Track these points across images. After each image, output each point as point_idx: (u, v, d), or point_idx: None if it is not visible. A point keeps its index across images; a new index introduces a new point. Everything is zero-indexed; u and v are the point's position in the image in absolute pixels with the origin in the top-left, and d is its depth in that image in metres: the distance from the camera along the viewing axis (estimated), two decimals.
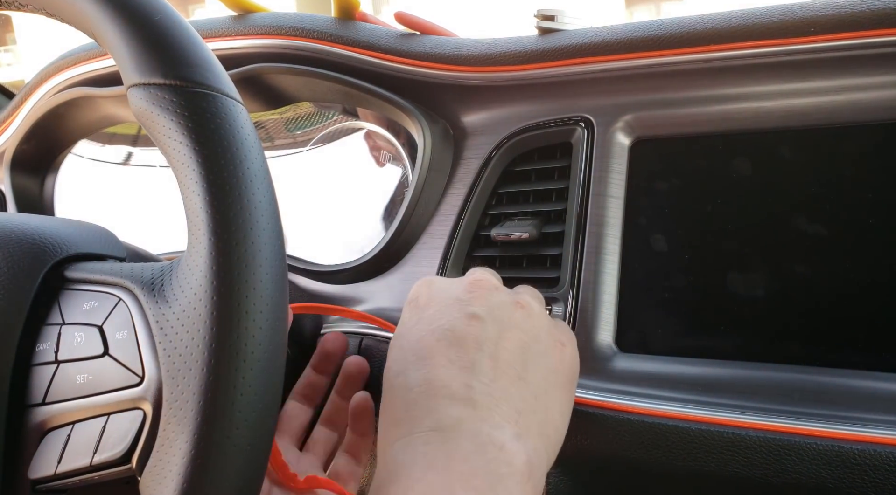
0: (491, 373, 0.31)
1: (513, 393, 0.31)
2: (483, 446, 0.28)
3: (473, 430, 0.28)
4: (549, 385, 0.33)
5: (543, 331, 0.36)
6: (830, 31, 0.42)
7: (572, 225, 0.48)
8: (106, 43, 0.29)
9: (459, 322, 0.33)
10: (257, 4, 0.61)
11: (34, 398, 0.30)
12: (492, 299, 0.36)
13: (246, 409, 0.26)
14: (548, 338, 0.36)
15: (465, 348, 0.32)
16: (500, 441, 0.28)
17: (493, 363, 0.32)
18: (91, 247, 0.35)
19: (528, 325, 0.35)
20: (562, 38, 0.50)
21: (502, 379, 0.31)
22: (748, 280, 0.44)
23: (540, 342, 0.35)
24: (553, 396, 0.33)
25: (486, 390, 0.30)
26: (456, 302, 0.35)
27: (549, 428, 0.32)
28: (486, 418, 0.29)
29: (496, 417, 0.29)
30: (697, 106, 0.46)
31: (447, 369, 0.31)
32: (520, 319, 0.35)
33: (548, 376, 0.33)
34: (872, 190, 0.42)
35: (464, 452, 0.27)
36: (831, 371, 0.41)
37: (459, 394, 0.30)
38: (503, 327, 0.34)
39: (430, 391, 0.30)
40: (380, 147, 0.59)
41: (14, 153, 0.66)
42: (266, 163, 0.29)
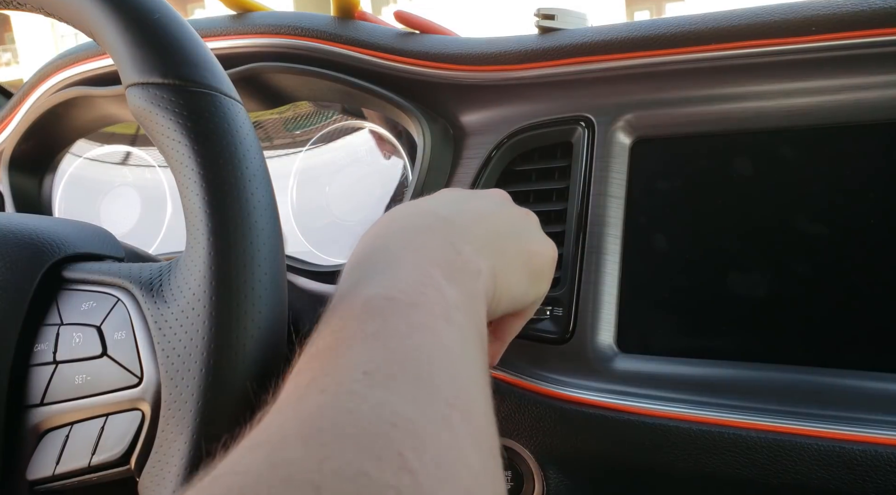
0: (471, 217, 0.34)
1: (483, 236, 0.33)
2: (447, 246, 0.31)
3: (441, 235, 0.31)
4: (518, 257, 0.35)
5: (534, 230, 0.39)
6: (831, 31, 0.42)
7: (573, 225, 0.48)
8: (104, 42, 0.29)
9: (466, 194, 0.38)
10: (256, 3, 0.61)
11: (32, 399, 0.30)
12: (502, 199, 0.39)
13: (245, 410, 0.26)
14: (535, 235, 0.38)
15: (458, 201, 0.36)
16: (462, 249, 0.31)
17: (479, 216, 0.35)
18: (89, 247, 0.35)
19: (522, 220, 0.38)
20: (562, 37, 0.49)
21: (479, 226, 0.34)
22: (748, 280, 0.44)
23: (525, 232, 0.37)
24: (517, 265, 0.35)
25: (462, 221, 0.34)
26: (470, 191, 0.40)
27: (504, 277, 0.34)
28: (453, 233, 0.32)
29: (463, 237, 0.32)
30: (698, 105, 0.46)
31: (436, 200, 0.36)
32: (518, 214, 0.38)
33: (520, 253, 0.36)
34: (872, 189, 0.42)
35: (432, 245, 0.31)
36: (831, 371, 0.41)
37: (438, 212, 0.34)
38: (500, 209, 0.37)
39: (413, 208, 0.34)
40: (380, 147, 0.59)
41: (12, 153, 0.66)
42: (265, 162, 0.29)
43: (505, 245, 0.35)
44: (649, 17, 0.62)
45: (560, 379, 0.45)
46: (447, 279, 0.28)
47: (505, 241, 0.35)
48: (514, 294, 0.35)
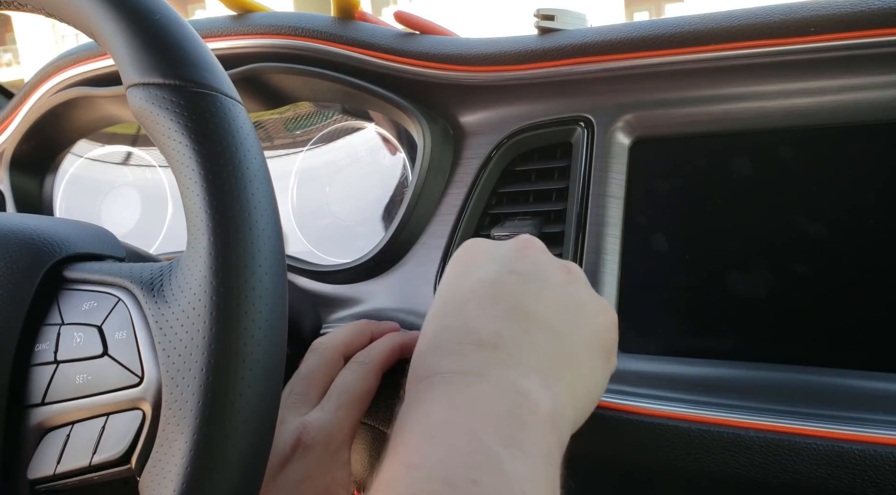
0: (524, 324, 0.30)
1: (544, 346, 0.30)
2: (507, 391, 0.27)
3: (498, 375, 0.28)
4: (585, 346, 0.32)
5: (586, 295, 0.35)
6: (831, 31, 0.42)
7: (572, 225, 0.48)
8: (105, 42, 0.29)
9: (500, 275, 0.33)
10: (257, 4, 0.61)
11: (33, 398, 0.30)
12: (537, 258, 0.35)
13: (245, 410, 0.26)
14: (590, 302, 0.35)
15: (501, 300, 0.32)
16: (525, 388, 0.28)
17: (526, 316, 0.31)
18: (90, 247, 0.35)
19: (571, 288, 0.34)
20: (562, 37, 0.50)
21: (535, 332, 0.30)
22: (748, 280, 0.44)
23: (581, 305, 0.34)
24: (588, 357, 0.32)
25: (516, 340, 0.30)
26: (499, 259, 0.35)
27: (579, 386, 0.31)
28: (513, 365, 0.28)
29: (523, 365, 0.29)
30: (698, 105, 0.46)
31: (479, 318, 0.31)
32: (563, 281, 0.34)
33: (586, 338, 0.32)
34: (873, 190, 0.42)
35: (487, 395, 0.27)
36: (831, 371, 0.41)
37: (488, 341, 0.29)
38: (544, 285, 0.33)
39: (460, 336, 0.30)
40: (379, 147, 0.59)
41: (13, 153, 0.66)
42: (265, 162, 0.29)
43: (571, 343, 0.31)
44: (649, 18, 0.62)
45: None
46: (509, 447, 0.24)
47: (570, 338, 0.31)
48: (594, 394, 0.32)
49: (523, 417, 0.26)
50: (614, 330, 0.35)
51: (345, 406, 0.40)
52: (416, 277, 0.52)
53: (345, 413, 0.40)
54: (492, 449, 0.24)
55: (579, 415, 0.31)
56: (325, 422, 0.39)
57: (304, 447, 0.38)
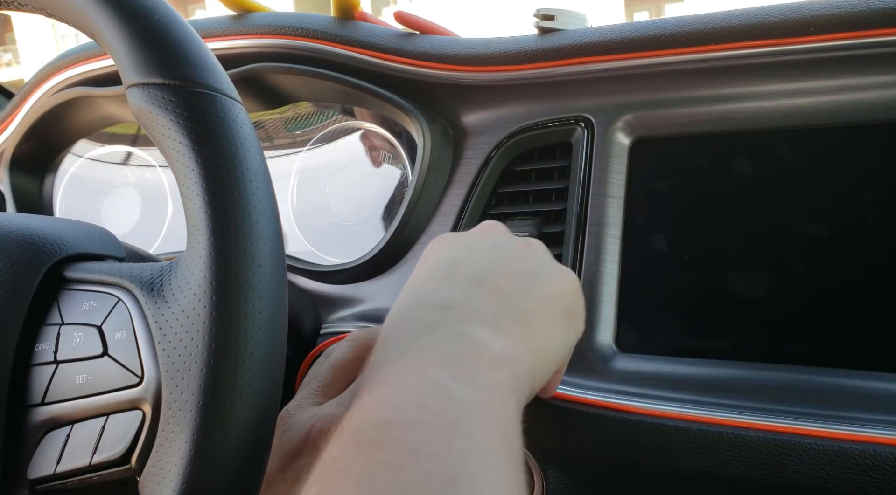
0: (477, 290, 0.31)
1: (495, 305, 0.31)
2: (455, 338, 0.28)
3: (447, 328, 0.29)
4: (539, 306, 0.33)
5: (542, 263, 0.35)
6: (830, 31, 0.42)
7: (572, 225, 0.48)
8: (105, 42, 0.29)
9: (460, 254, 0.35)
10: (257, 4, 0.61)
11: (33, 398, 0.30)
12: (497, 238, 0.37)
13: (245, 410, 0.26)
14: (546, 269, 0.35)
15: (457, 273, 0.33)
16: (473, 335, 0.28)
17: (480, 282, 0.32)
18: (90, 247, 0.35)
19: (528, 257, 0.35)
20: (561, 37, 0.50)
21: (487, 295, 0.31)
22: (748, 280, 0.44)
23: (535, 271, 0.34)
24: (544, 316, 0.32)
25: (467, 301, 0.31)
26: (462, 242, 0.36)
27: (535, 340, 0.31)
28: (463, 320, 0.29)
29: (473, 320, 0.29)
30: (697, 105, 0.46)
31: (435, 288, 0.32)
32: (520, 251, 0.35)
33: (540, 299, 0.33)
34: (872, 190, 0.42)
35: (436, 343, 0.28)
36: (831, 371, 0.41)
37: (440, 303, 0.30)
38: (500, 257, 0.34)
39: (414, 304, 0.31)
40: (379, 147, 0.59)
41: (13, 153, 0.66)
42: (265, 162, 0.29)
43: (524, 303, 0.32)
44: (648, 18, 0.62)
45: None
46: (457, 379, 0.25)
47: (523, 299, 0.32)
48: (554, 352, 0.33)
49: (472, 357, 0.27)
50: (575, 293, 0.35)
51: None
52: None
53: None
54: (440, 381, 0.25)
55: (538, 366, 0.31)
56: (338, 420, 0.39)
57: (312, 443, 0.37)
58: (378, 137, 0.59)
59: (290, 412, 0.39)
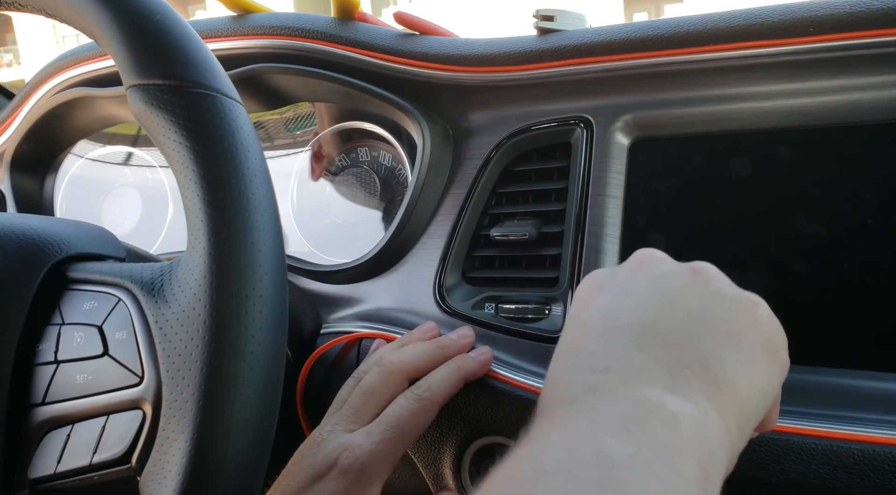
0: (640, 343, 0.27)
1: (665, 357, 0.26)
2: (619, 400, 0.24)
3: (609, 392, 0.25)
4: (727, 348, 0.28)
5: (721, 295, 0.30)
6: (829, 31, 0.42)
7: (571, 225, 0.48)
8: (106, 43, 0.29)
9: (615, 300, 0.30)
10: (257, 5, 0.61)
11: (34, 398, 0.30)
12: (656, 270, 0.32)
13: (246, 409, 0.26)
14: (730, 300, 0.30)
15: (615, 325, 0.29)
16: (641, 395, 0.24)
17: (643, 333, 0.28)
18: (91, 247, 0.35)
19: (702, 289, 0.30)
20: (561, 38, 0.50)
21: (652, 346, 0.27)
22: (747, 280, 0.44)
23: (716, 305, 0.30)
24: (735, 359, 0.28)
25: (628, 359, 0.27)
26: (616, 284, 0.31)
27: (728, 391, 0.26)
28: (627, 382, 0.26)
29: (640, 381, 0.25)
30: (697, 106, 0.46)
31: (592, 347, 0.28)
32: (689, 284, 0.30)
33: (727, 341, 0.28)
34: (871, 190, 0.42)
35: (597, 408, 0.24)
36: (831, 371, 0.41)
37: (598, 366, 0.27)
38: (665, 296, 0.30)
39: (568, 369, 0.28)
40: (379, 147, 0.59)
41: (14, 153, 0.66)
42: (265, 163, 0.29)
43: (702, 349, 0.27)
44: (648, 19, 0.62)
45: None
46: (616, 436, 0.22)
47: (700, 344, 0.27)
48: (756, 398, 0.28)
49: (637, 416, 0.23)
50: (768, 323, 0.31)
51: (391, 440, 0.39)
52: (416, 277, 0.53)
53: (390, 447, 0.38)
54: (596, 438, 0.22)
55: (739, 420, 0.27)
56: (367, 451, 0.38)
57: (339, 470, 0.37)
58: (378, 138, 0.59)
59: (323, 436, 0.39)
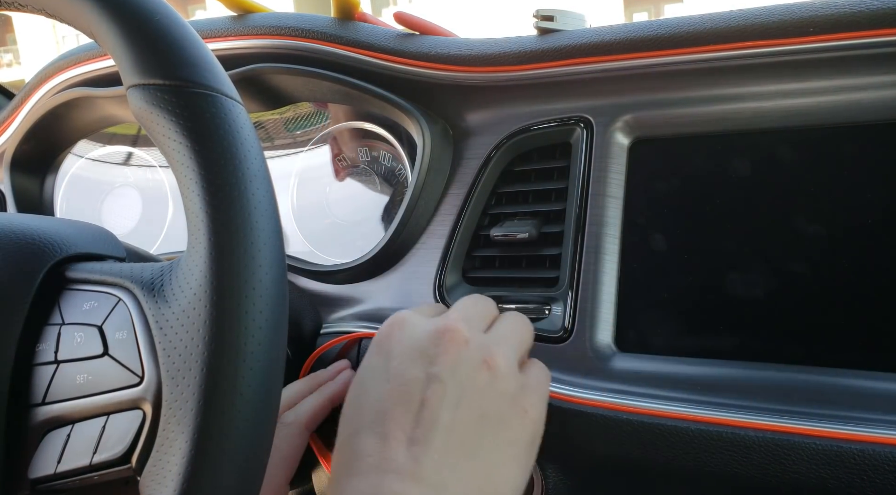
0: (442, 449, 0.32)
1: (463, 470, 0.31)
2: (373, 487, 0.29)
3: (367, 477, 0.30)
4: (503, 458, 0.33)
5: (506, 397, 0.35)
6: (829, 31, 0.42)
7: (571, 225, 0.48)
8: (105, 43, 0.29)
9: (419, 384, 0.34)
10: (257, 5, 0.61)
11: (34, 398, 0.30)
12: (458, 357, 0.35)
13: (246, 409, 0.26)
14: (510, 406, 0.35)
15: (420, 418, 0.32)
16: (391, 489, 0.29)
17: (445, 437, 0.32)
18: (91, 247, 0.35)
19: (490, 392, 0.35)
20: (561, 38, 0.50)
21: (454, 455, 0.31)
22: (748, 280, 0.44)
23: (501, 412, 0.34)
24: (506, 469, 0.33)
25: (434, 467, 0.31)
26: (421, 356, 0.35)
27: (487, 480, 0.32)
28: (416, 486, 0.30)
29: (427, 487, 0.30)
30: (697, 106, 0.46)
31: (399, 441, 0.32)
32: (483, 383, 0.35)
33: (504, 449, 0.33)
34: (872, 190, 0.42)
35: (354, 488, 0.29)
36: (831, 371, 0.41)
37: (407, 470, 0.31)
38: (463, 393, 0.34)
39: (381, 464, 0.31)
40: (379, 147, 0.59)
41: (14, 153, 0.66)
42: (265, 163, 0.29)
43: (483, 456, 0.33)
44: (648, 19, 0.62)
45: (559, 378, 0.46)
46: None
47: (482, 452, 0.33)
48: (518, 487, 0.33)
49: None
50: (535, 423, 0.36)
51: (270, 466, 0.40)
52: (416, 277, 0.53)
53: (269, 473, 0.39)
54: None
55: None
56: None
57: None
58: (378, 138, 0.59)
59: None
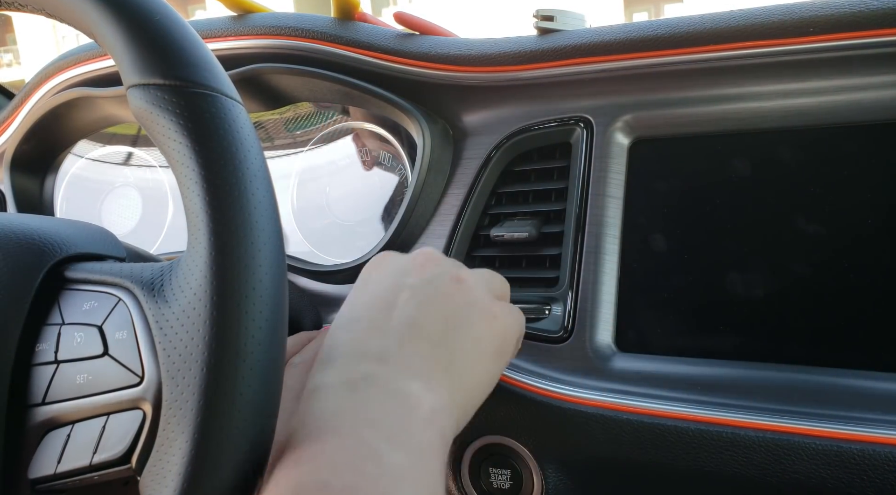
0: (407, 336, 0.33)
1: (426, 355, 0.33)
2: (389, 395, 0.30)
3: (381, 383, 0.31)
4: (468, 351, 0.35)
5: (475, 304, 0.37)
6: (829, 31, 0.42)
7: (571, 225, 0.48)
8: (105, 43, 0.29)
9: (393, 290, 0.36)
10: (257, 5, 0.61)
11: (34, 398, 0.30)
12: (430, 271, 0.37)
13: (246, 409, 0.26)
14: (478, 311, 0.37)
15: (390, 315, 0.34)
16: (406, 391, 0.30)
17: (411, 328, 0.33)
18: (91, 247, 0.35)
19: (458, 297, 0.36)
20: (561, 38, 0.50)
21: (418, 342, 0.33)
22: (748, 280, 0.44)
23: (467, 313, 0.36)
24: (472, 360, 0.35)
25: (401, 352, 0.32)
26: (397, 272, 0.37)
27: (462, 387, 0.33)
28: (396, 373, 0.31)
29: (406, 373, 0.31)
30: (696, 106, 0.46)
31: (368, 333, 0.34)
32: (451, 291, 0.37)
33: (471, 345, 0.35)
34: (872, 190, 0.42)
35: (370, 400, 0.30)
36: (831, 371, 0.41)
37: (374, 354, 0.32)
38: (431, 297, 0.36)
39: (350, 351, 0.32)
40: (379, 147, 0.59)
41: (14, 153, 0.66)
42: (265, 163, 0.29)
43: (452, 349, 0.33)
44: (648, 19, 0.62)
45: (559, 378, 0.46)
46: (390, 441, 0.27)
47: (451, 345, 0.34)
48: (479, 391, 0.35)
49: (403, 417, 0.29)
50: (504, 329, 0.37)
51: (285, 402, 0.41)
52: None
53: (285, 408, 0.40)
54: (374, 446, 0.27)
55: (462, 413, 0.33)
56: None
57: None
58: (378, 138, 0.59)
59: None
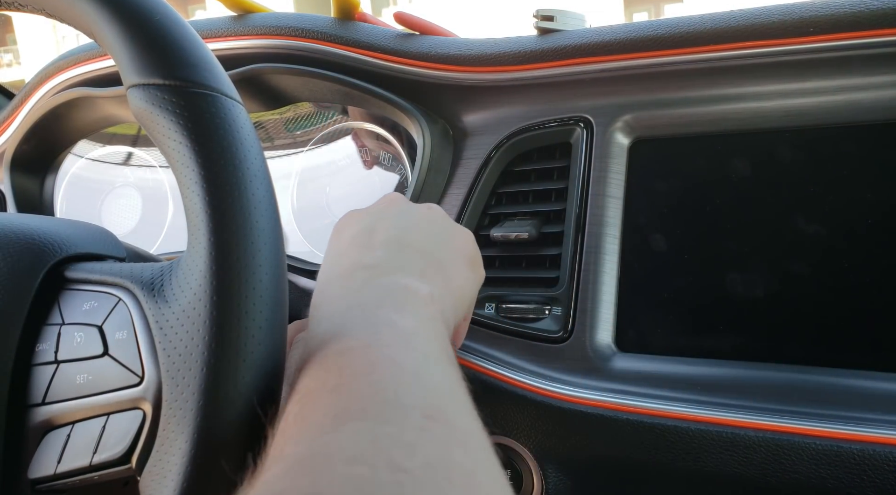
0: (398, 249, 0.35)
1: (417, 260, 0.35)
2: (390, 286, 0.32)
3: (379, 281, 0.32)
4: (451, 258, 0.37)
5: (445, 223, 0.40)
6: (829, 32, 0.42)
7: (571, 225, 0.48)
8: (105, 43, 0.29)
9: (372, 222, 0.38)
10: (257, 5, 0.61)
11: (34, 398, 0.30)
12: (401, 205, 0.41)
13: (246, 409, 0.26)
14: (449, 228, 0.40)
15: (376, 238, 0.36)
16: (405, 282, 0.32)
17: (399, 243, 0.36)
18: (91, 247, 0.35)
19: (430, 216, 0.40)
20: (561, 38, 0.50)
21: (408, 253, 0.35)
22: (748, 280, 0.44)
23: (442, 231, 0.39)
24: (455, 266, 0.37)
25: (393, 259, 0.34)
26: (368, 215, 0.40)
27: (452, 284, 0.36)
28: (392, 273, 0.33)
29: (401, 272, 0.33)
30: (696, 106, 0.46)
31: (360, 252, 0.36)
32: (426, 215, 0.40)
33: (450, 253, 0.37)
34: (871, 190, 0.42)
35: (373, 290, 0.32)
36: (831, 371, 0.41)
37: (369, 264, 0.34)
38: (411, 221, 0.39)
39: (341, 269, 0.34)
40: (379, 147, 0.59)
41: (14, 153, 0.66)
42: (265, 163, 0.29)
43: (439, 256, 0.37)
44: (648, 19, 0.62)
45: (559, 378, 0.46)
46: (399, 312, 0.30)
47: (438, 253, 0.37)
48: (465, 293, 0.37)
49: (407, 297, 0.31)
50: (473, 246, 0.40)
51: None
52: None
53: None
54: (384, 315, 0.29)
55: (456, 305, 0.36)
56: None
57: None
58: (378, 138, 0.59)
59: None
